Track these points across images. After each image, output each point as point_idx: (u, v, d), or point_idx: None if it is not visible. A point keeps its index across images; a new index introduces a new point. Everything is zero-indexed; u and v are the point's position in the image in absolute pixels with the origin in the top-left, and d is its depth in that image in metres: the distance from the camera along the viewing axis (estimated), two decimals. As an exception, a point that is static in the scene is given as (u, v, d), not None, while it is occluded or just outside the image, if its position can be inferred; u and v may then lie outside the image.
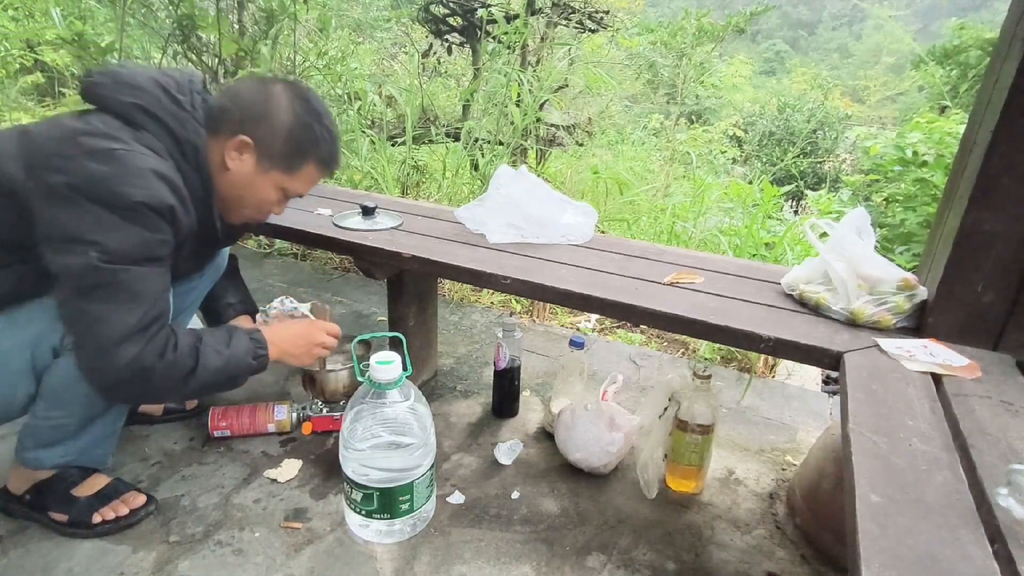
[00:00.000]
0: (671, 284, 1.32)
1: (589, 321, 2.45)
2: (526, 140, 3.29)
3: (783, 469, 1.55)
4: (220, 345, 1.12)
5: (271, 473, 1.40)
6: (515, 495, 1.39)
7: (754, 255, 2.46)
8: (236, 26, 3.26)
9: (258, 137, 1.13)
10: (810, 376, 2.11)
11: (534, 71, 3.68)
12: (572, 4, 4.13)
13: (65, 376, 1.07)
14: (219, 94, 1.16)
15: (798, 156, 7.40)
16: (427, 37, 4.47)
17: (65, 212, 0.95)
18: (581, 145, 3.98)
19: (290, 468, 1.42)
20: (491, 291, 2.47)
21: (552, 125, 3.77)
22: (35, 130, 1.02)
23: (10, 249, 1.03)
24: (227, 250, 1.51)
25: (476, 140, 3.16)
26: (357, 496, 1.20)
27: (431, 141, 3.40)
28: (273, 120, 1.13)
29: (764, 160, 8.16)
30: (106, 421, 1.20)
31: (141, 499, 1.27)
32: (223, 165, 1.14)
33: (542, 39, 4.21)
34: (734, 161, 7.84)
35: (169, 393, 1.12)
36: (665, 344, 2.32)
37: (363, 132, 3.06)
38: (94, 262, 0.95)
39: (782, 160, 7.32)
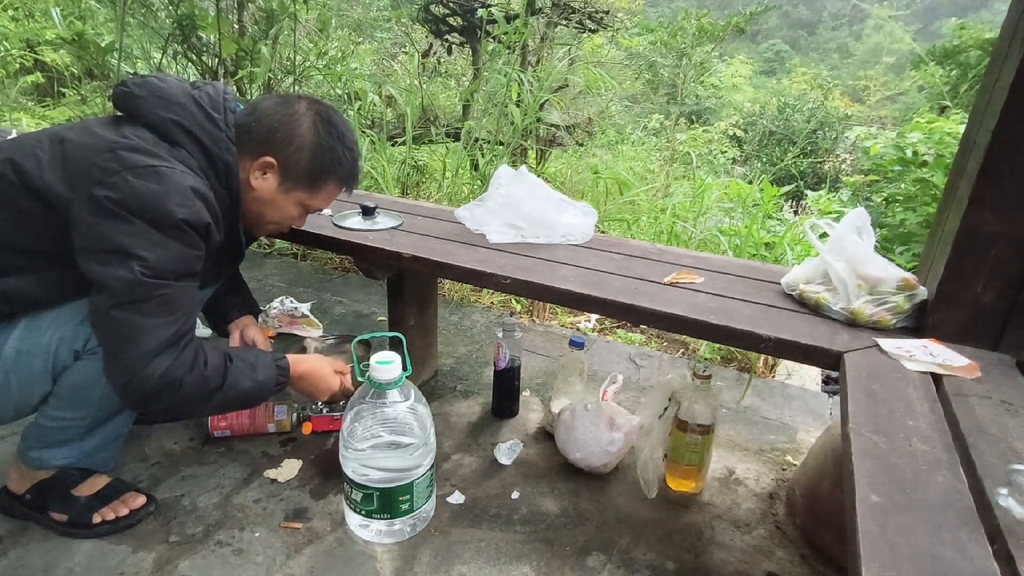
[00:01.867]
0: (671, 284, 1.32)
1: (589, 321, 2.45)
2: (526, 140, 3.29)
3: (783, 469, 1.55)
4: (248, 368, 1.13)
5: (271, 473, 1.40)
6: (515, 495, 1.39)
7: (754, 255, 2.46)
8: (236, 26, 3.26)
9: (282, 158, 1.16)
10: (810, 376, 2.11)
11: (534, 71, 3.68)
12: (572, 4, 4.14)
13: (84, 378, 1.08)
14: (243, 112, 1.18)
15: (798, 156, 7.41)
16: (427, 37, 4.47)
17: (110, 225, 0.97)
18: (581, 145, 3.98)
19: (290, 468, 1.42)
20: (491, 291, 2.47)
21: (552, 125, 3.77)
22: (72, 138, 1.03)
23: (39, 255, 1.04)
24: None
25: (476, 140, 3.16)
26: (357, 496, 1.20)
27: (431, 141, 3.40)
28: (297, 142, 1.16)
29: (764, 160, 8.16)
30: (114, 426, 1.20)
31: (141, 499, 1.27)
32: (248, 183, 1.17)
33: (542, 39, 4.22)
34: (734, 161, 7.85)
35: (194, 407, 1.11)
36: (665, 344, 2.32)
37: (363, 132, 3.06)
38: (138, 276, 0.97)
39: (782, 160, 7.32)
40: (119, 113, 1.12)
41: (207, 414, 1.42)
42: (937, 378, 0.96)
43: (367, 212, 1.64)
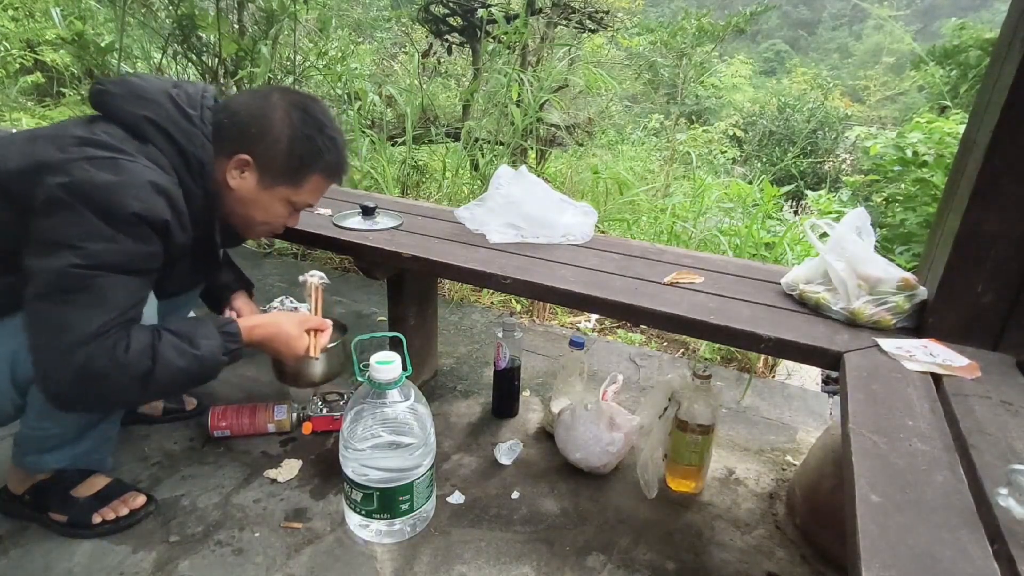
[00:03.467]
0: (671, 284, 1.32)
1: (589, 321, 2.45)
2: (526, 140, 3.29)
3: (783, 469, 1.55)
4: (184, 343, 1.05)
5: (271, 473, 1.40)
6: (515, 495, 1.39)
7: (754, 255, 2.46)
8: (236, 26, 3.26)
9: (257, 154, 1.12)
10: (810, 376, 2.11)
11: (534, 71, 3.68)
12: (572, 4, 4.14)
13: None
14: (216, 109, 1.13)
15: (798, 156, 7.41)
16: (427, 37, 4.47)
17: (60, 216, 0.93)
18: (581, 145, 3.98)
19: (290, 468, 1.42)
20: (491, 291, 2.47)
21: (552, 125, 3.77)
22: (42, 135, 1.01)
23: (2, 258, 1.00)
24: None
25: (476, 140, 3.16)
26: (357, 496, 1.20)
27: (431, 141, 3.40)
28: (271, 136, 1.11)
29: (764, 160, 8.15)
30: (104, 427, 1.20)
31: (141, 499, 1.27)
32: (227, 184, 1.13)
33: (542, 39, 4.22)
34: (734, 161, 7.84)
35: (128, 397, 1.04)
36: (665, 344, 2.32)
37: (363, 132, 3.06)
38: (68, 266, 0.92)
39: (782, 160, 7.32)
40: (97, 113, 1.08)
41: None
42: (937, 378, 0.96)
43: (367, 212, 1.64)
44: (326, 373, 1.46)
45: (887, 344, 1.06)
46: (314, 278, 1.45)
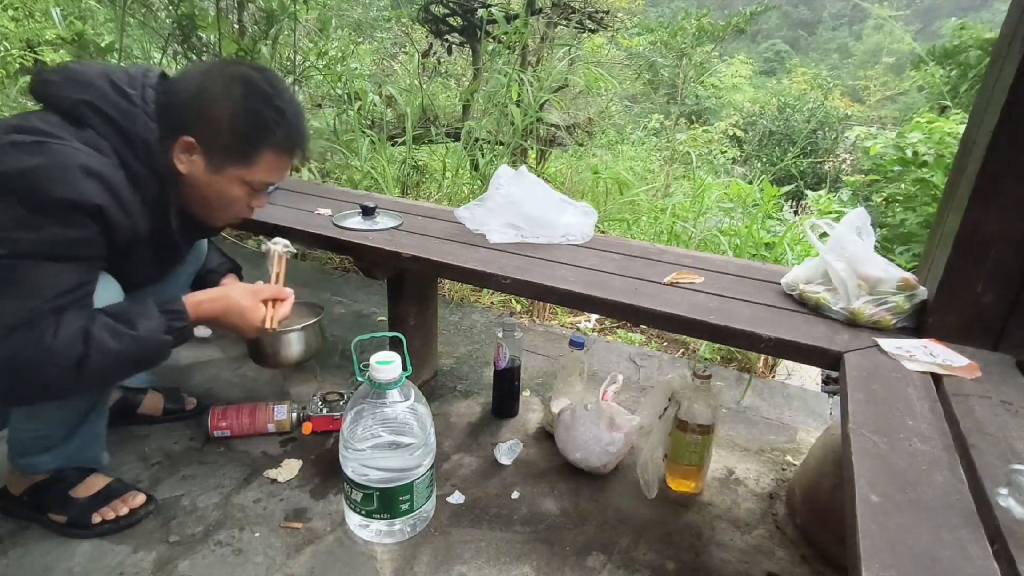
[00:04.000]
0: (671, 284, 1.32)
1: (589, 321, 2.45)
2: (526, 140, 3.29)
3: (783, 469, 1.55)
4: (121, 325, 0.99)
5: (271, 473, 1.40)
6: (515, 495, 1.39)
7: (754, 255, 2.46)
8: (236, 26, 3.26)
9: (201, 135, 1.05)
10: (810, 376, 2.11)
11: (534, 71, 3.68)
12: (572, 4, 4.14)
13: None
14: (158, 91, 1.07)
15: (798, 156, 7.40)
16: (427, 37, 4.48)
17: None
18: (581, 145, 3.98)
19: (290, 468, 1.42)
20: (491, 291, 2.47)
21: (552, 125, 3.77)
22: None
23: None
24: (204, 242, 1.44)
25: (476, 140, 3.16)
26: (357, 496, 1.20)
27: (431, 141, 3.40)
28: (213, 113, 1.04)
29: (764, 160, 8.15)
30: (91, 424, 1.19)
31: (140, 498, 1.26)
32: (176, 170, 1.07)
33: (542, 39, 4.22)
34: (734, 161, 7.84)
35: (65, 385, 0.98)
36: (665, 344, 2.32)
37: (363, 132, 3.06)
38: None
39: (782, 160, 7.32)
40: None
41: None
42: (937, 378, 0.96)
43: (367, 212, 1.64)
44: (303, 352, 1.38)
45: (887, 344, 1.06)
46: (278, 246, 1.37)
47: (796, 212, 5.27)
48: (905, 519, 0.64)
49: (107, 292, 1.07)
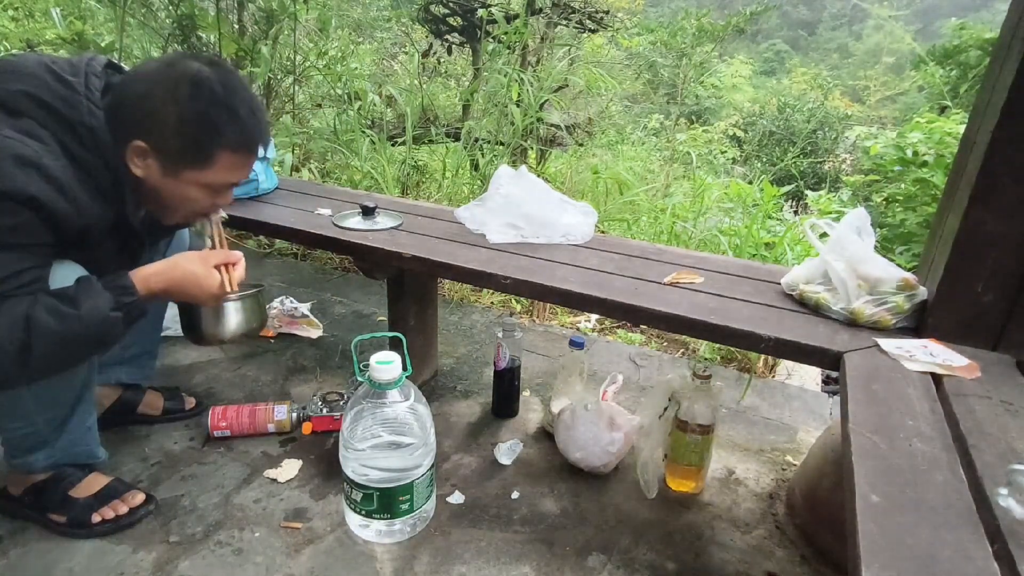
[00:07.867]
0: (671, 284, 1.32)
1: (589, 321, 2.45)
2: (526, 140, 3.29)
3: (783, 469, 1.55)
4: (63, 304, 0.95)
5: (271, 473, 1.40)
6: (515, 495, 1.39)
7: (754, 255, 2.46)
8: (236, 26, 3.26)
9: (152, 139, 1.01)
10: (810, 376, 2.11)
11: (534, 71, 3.68)
12: (572, 4, 4.14)
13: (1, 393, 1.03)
14: (109, 88, 1.04)
15: (798, 156, 7.40)
16: (427, 37, 4.47)
17: None
18: (581, 145, 3.98)
19: (290, 468, 1.42)
20: (491, 291, 2.47)
21: (552, 125, 3.77)
22: None
23: None
24: (186, 231, 1.40)
25: (476, 140, 3.16)
26: (357, 496, 1.20)
27: (431, 141, 3.40)
28: (158, 117, 1.00)
29: (764, 160, 8.16)
30: (78, 418, 1.19)
31: (140, 497, 1.26)
32: (134, 174, 1.04)
33: (542, 39, 4.22)
34: (734, 161, 7.84)
35: (14, 373, 0.94)
36: (665, 344, 2.32)
37: (363, 132, 3.06)
38: None
39: (782, 160, 7.32)
40: None
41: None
42: (937, 378, 0.96)
43: (367, 212, 1.64)
44: (246, 324, 1.28)
45: (887, 344, 1.06)
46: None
47: (796, 212, 5.26)
48: (905, 519, 0.64)
49: (69, 280, 1.03)
